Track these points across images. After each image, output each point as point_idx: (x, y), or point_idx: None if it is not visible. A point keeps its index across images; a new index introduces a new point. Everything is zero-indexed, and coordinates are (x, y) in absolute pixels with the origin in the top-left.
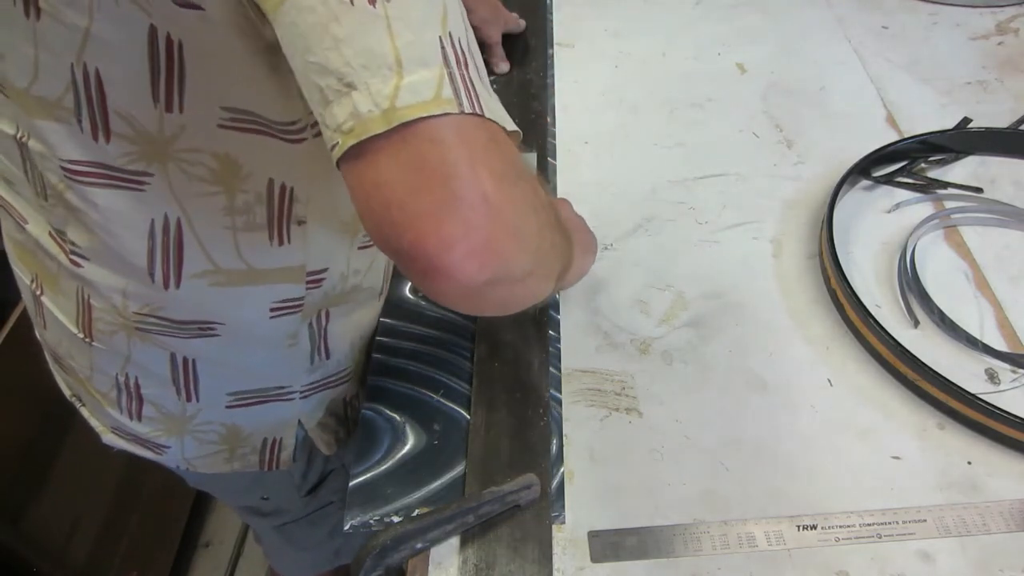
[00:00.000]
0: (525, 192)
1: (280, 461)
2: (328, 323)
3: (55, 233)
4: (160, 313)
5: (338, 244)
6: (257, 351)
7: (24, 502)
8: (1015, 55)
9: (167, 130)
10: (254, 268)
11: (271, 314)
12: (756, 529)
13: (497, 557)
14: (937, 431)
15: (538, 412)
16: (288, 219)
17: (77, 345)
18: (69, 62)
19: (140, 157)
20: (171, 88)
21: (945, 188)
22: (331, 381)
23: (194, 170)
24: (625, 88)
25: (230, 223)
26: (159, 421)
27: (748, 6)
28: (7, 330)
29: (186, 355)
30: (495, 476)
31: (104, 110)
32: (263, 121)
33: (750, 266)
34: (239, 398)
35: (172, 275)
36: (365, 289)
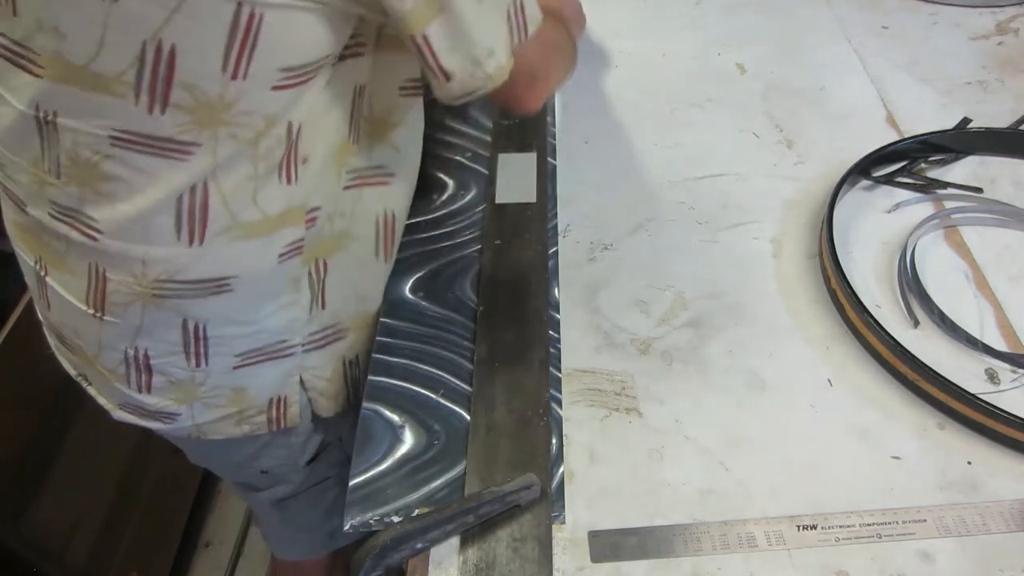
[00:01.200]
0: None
1: (287, 419)
2: (326, 274)
3: (62, 213)
4: (179, 277)
5: (328, 180)
6: (265, 304)
7: (24, 502)
8: (1015, 55)
9: (227, 96)
10: (267, 215)
11: (279, 259)
12: (756, 529)
13: (497, 557)
14: (937, 431)
15: (538, 412)
16: (296, 157)
17: (85, 322)
18: (142, 40)
19: (193, 126)
20: (241, 57)
21: (945, 188)
22: (328, 335)
23: (242, 132)
24: (625, 88)
25: (252, 172)
26: (168, 390)
27: (748, 6)
28: (7, 330)
29: (198, 319)
30: (495, 476)
31: (168, 83)
32: (308, 67)
33: (750, 266)
34: (245, 358)
35: (197, 234)
36: (356, 239)
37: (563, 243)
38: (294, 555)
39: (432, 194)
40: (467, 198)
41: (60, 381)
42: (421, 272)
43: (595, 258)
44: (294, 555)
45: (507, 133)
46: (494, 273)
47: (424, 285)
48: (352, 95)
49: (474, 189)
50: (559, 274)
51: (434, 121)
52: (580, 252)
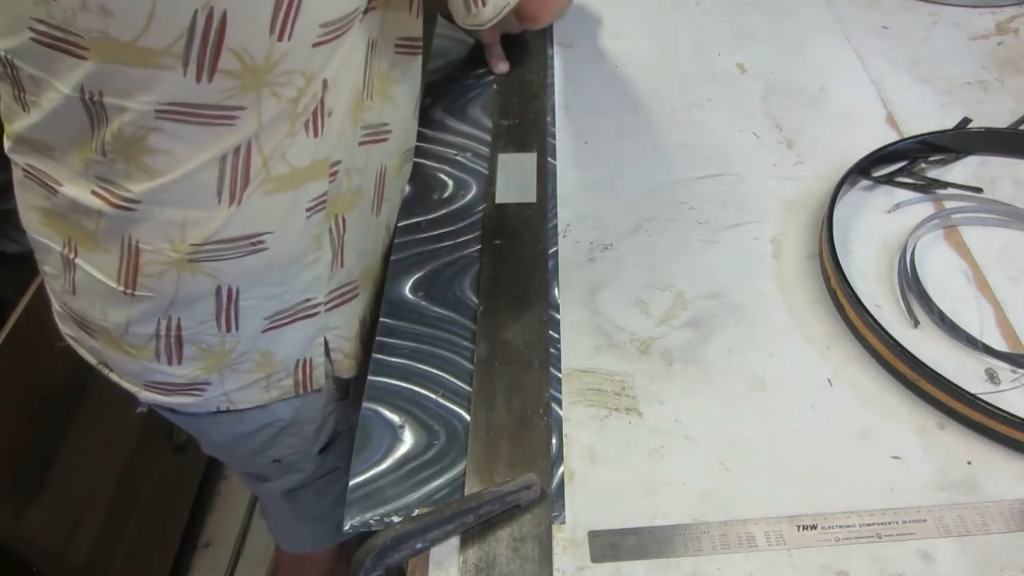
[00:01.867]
0: None
1: (313, 381)
2: (345, 231)
3: (101, 187)
4: (217, 237)
5: (347, 134)
6: (295, 262)
7: (24, 502)
8: (1015, 55)
9: (273, 57)
10: (296, 168)
11: (307, 213)
12: (756, 529)
13: (497, 557)
14: (937, 431)
15: (538, 412)
16: (323, 110)
17: (115, 301)
18: (194, 8)
19: (239, 91)
20: (288, 16)
21: (945, 188)
22: (346, 292)
23: (284, 92)
24: (625, 88)
25: (290, 129)
26: (199, 359)
27: (748, 6)
28: (7, 330)
29: (231, 284)
30: (495, 476)
31: (218, 50)
32: (344, 20)
33: (750, 266)
34: (273, 320)
35: (237, 196)
36: (364, 195)
37: (563, 243)
38: (300, 547)
39: (432, 194)
40: (467, 198)
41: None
42: (421, 272)
43: (595, 258)
44: (300, 547)
45: (507, 133)
46: (494, 273)
47: (424, 285)
48: (367, 49)
49: (474, 189)
50: (559, 274)
51: (434, 121)
52: (580, 252)
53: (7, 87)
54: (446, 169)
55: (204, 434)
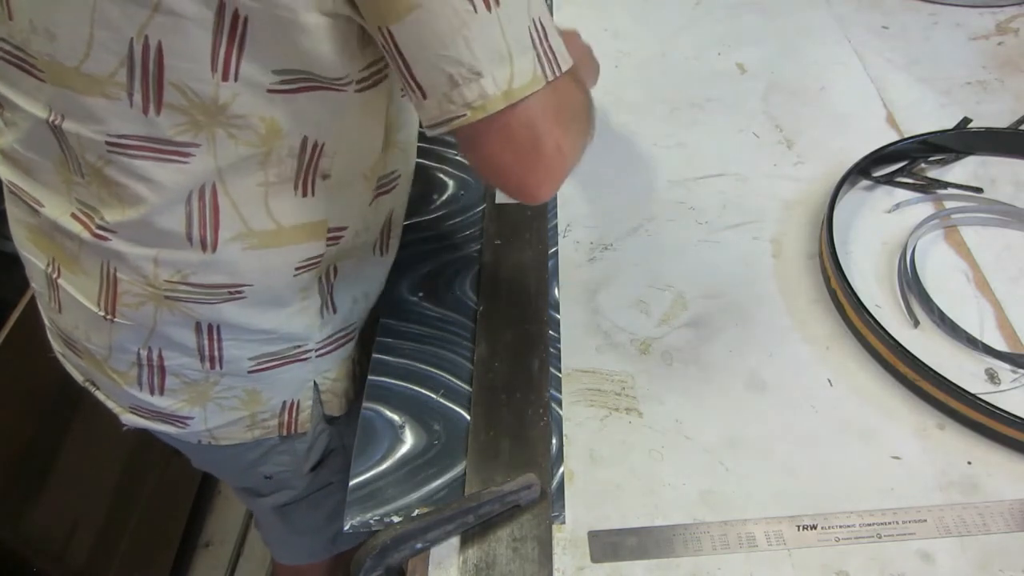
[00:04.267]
0: (579, 123)
1: (299, 424)
2: (336, 278)
3: (81, 211)
4: (192, 279)
5: (357, 199)
6: (278, 311)
7: (24, 502)
8: (1015, 55)
9: (221, 98)
10: (282, 226)
11: (295, 272)
12: (756, 529)
13: (497, 557)
14: (937, 431)
15: (538, 412)
16: (315, 172)
17: (96, 325)
18: (129, 37)
19: (190, 127)
20: (229, 59)
21: (945, 188)
22: (340, 337)
23: (242, 135)
24: (625, 88)
25: (263, 179)
26: (182, 392)
27: (748, 6)
28: (7, 330)
29: (211, 321)
30: (495, 476)
31: (160, 83)
32: (314, 78)
33: (750, 266)
34: (260, 362)
35: (209, 239)
36: (363, 244)
37: (563, 243)
38: (295, 560)
39: (432, 194)
40: (467, 198)
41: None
42: (421, 272)
43: (595, 258)
44: (295, 560)
45: None
46: (494, 273)
47: (424, 285)
48: (384, 114)
49: (474, 189)
50: (559, 274)
51: None
52: (580, 252)
53: None
54: (446, 169)
55: (191, 453)
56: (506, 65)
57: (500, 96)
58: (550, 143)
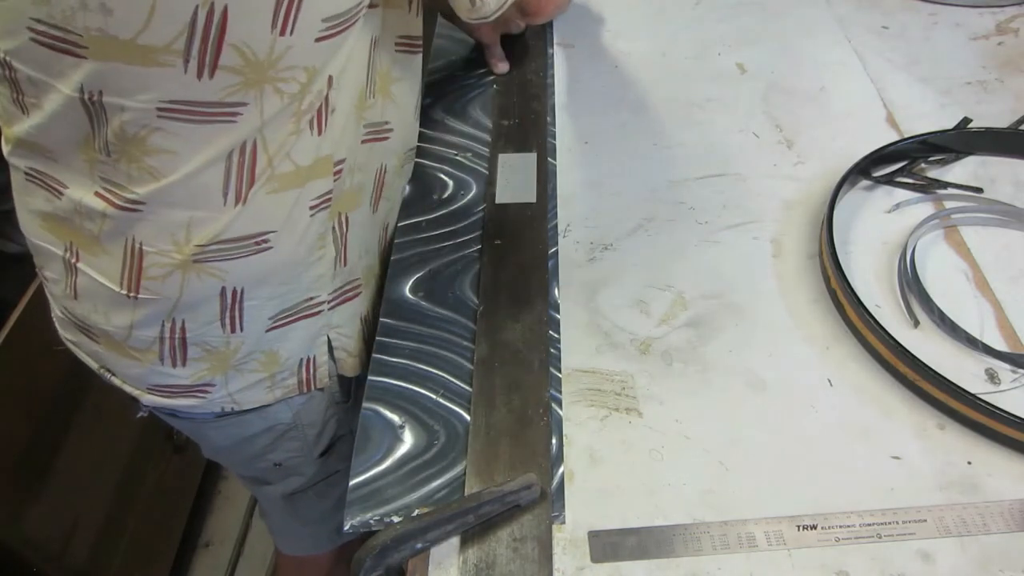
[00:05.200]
0: None
1: (317, 379)
2: (348, 229)
3: (105, 188)
4: (223, 237)
5: (351, 132)
6: (299, 261)
7: (24, 502)
8: (1015, 55)
9: (275, 53)
10: (299, 166)
11: (311, 212)
12: (756, 529)
13: (497, 557)
14: (937, 431)
15: (538, 412)
16: (327, 107)
17: (118, 305)
18: (195, 5)
19: (241, 87)
20: (290, 10)
21: (945, 188)
22: (348, 290)
23: (286, 87)
24: (625, 88)
25: (295, 127)
26: (204, 360)
27: (748, 6)
28: (7, 330)
29: (236, 285)
30: (495, 476)
31: (219, 46)
32: (347, 15)
33: (750, 266)
34: (277, 319)
35: (244, 192)
36: (364, 193)
37: (563, 243)
38: (300, 550)
39: (432, 194)
40: (467, 198)
41: (60, 381)
42: (421, 272)
43: (595, 258)
44: (300, 550)
45: (507, 133)
46: (494, 273)
47: (424, 285)
48: (370, 46)
49: (474, 189)
50: (559, 274)
51: (434, 121)
52: (580, 252)
53: (5, 90)
54: (446, 169)
55: (205, 438)
56: None
57: None
58: None
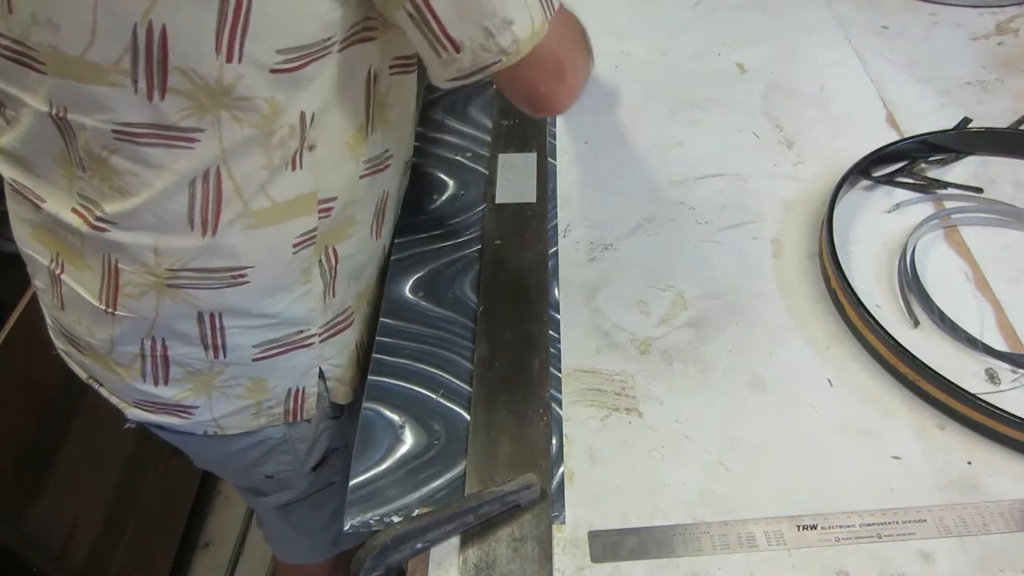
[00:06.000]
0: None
1: (304, 410)
2: (337, 262)
3: (81, 204)
4: (193, 265)
5: (344, 169)
6: (280, 295)
7: (24, 502)
8: (1015, 55)
9: (225, 80)
10: (276, 203)
11: (294, 250)
12: (756, 529)
13: (497, 557)
14: (937, 431)
15: (538, 412)
16: (303, 145)
17: (99, 320)
18: (133, 22)
19: (195, 111)
20: (233, 39)
21: (945, 188)
22: (340, 322)
23: (246, 116)
24: (625, 88)
25: (267, 162)
26: (186, 381)
27: (748, 6)
28: (7, 330)
29: (213, 310)
30: (495, 476)
31: (164, 67)
32: (308, 49)
33: (750, 266)
34: (264, 349)
35: (210, 223)
36: (359, 223)
37: (563, 243)
38: (297, 559)
39: (432, 194)
40: (467, 198)
41: (60, 381)
42: (421, 272)
43: (595, 258)
44: (297, 559)
45: (507, 133)
46: (494, 273)
47: (424, 285)
48: (366, 82)
49: (474, 189)
50: (559, 274)
51: (434, 121)
52: (580, 252)
53: None
54: (446, 169)
55: (193, 451)
56: (525, 10)
57: (528, 38)
58: (570, 65)
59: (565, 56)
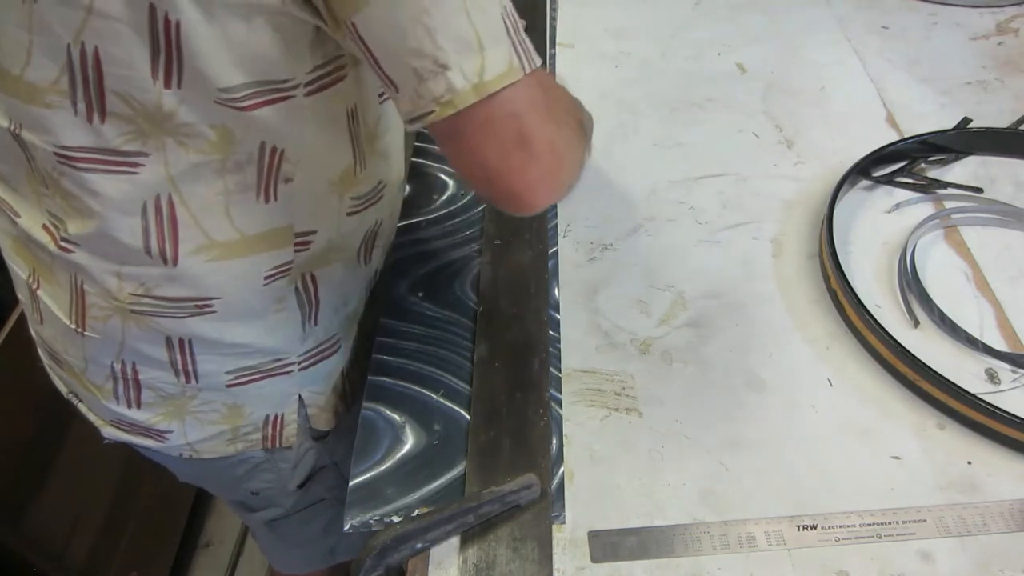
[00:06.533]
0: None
1: (283, 438)
2: (316, 289)
3: (49, 222)
4: (156, 292)
5: (327, 206)
6: (252, 323)
7: (24, 502)
8: (1015, 55)
9: (165, 106)
10: (246, 235)
11: (265, 282)
12: (756, 529)
13: (497, 557)
14: (937, 431)
15: (538, 412)
16: (276, 177)
17: (70, 338)
18: (66, 43)
19: (136, 136)
20: (170, 67)
21: (945, 188)
22: (324, 350)
23: (192, 142)
24: (625, 88)
25: (222, 188)
26: (159, 405)
27: (748, 6)
28: (7, 330)
29: (182, 336)
30: (495, 476)
31: (101, 90)
32: (259, 87)
33: (750, 266)
34: (238, 376)
35: (169, 252)
36: (344, 251)
37: (563, 243)
38: (292, 569)
39: (432, 194)
40: (467, 198)
41: None
42: (421, 272)
43: (595, 258)
44: (292, 569)
45: None
46: (494, 273)
47: (424, 285)
48: (348, 124)
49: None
50: (559, 274)
51: None
52: (580, 252)
53: None
54: (446, 169)
55: (175, 468)
56: (475, 56)
57: (470, 90)
58: (541, 139)
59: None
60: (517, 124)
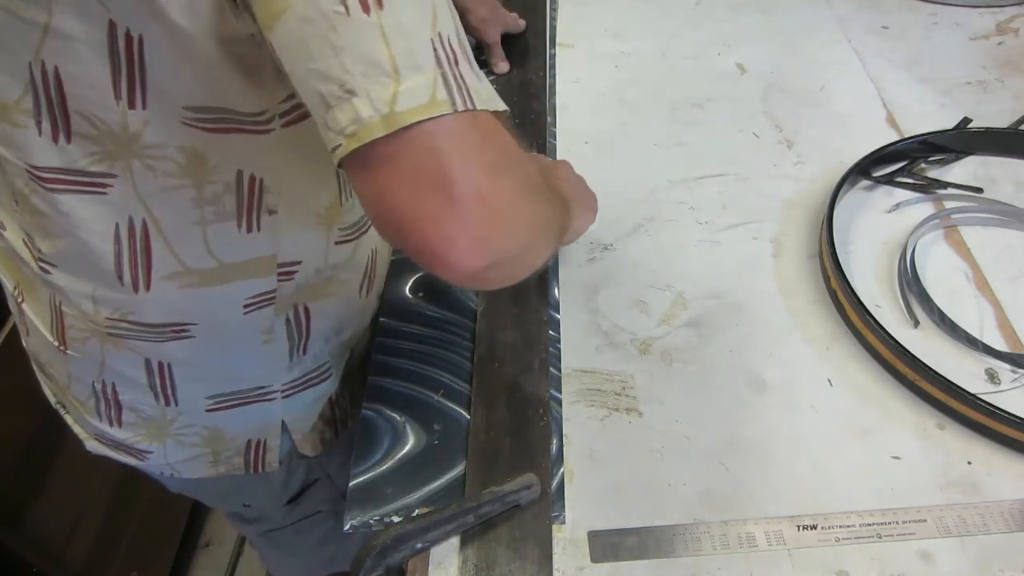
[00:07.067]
0: (518, 179)
1: (265, 463)
2: (309, 321)
3: (27, 239)
4: (131, 317)
5: (313, 236)
6: (233, 350)
7: (24, 502)
8: (1015, 55)
9: (131, 127)
10: (224, 263)
11: (244, 310)
12: (756, 529)
13: (497, 557)
14: (937, 431)
15: (538, 412)
16: (258, 208)
17: (53, 353)
18: (27, 61)
19: (103, 157)
20: (133, 85)
21: (945, 188)
22: (312, 378)
23: (160, 165)
24: (625, 88)
25: (199, 217)
26: (139, 426)
27: (748, 6)
28: (6, 331)
29: (161, 360)
30: (495, 476)
31: (64, 110)
32: (229, 114)
33: (750, 266)
34: (219, 401)
35: (141, 278)
36: (342, 282)
37: None
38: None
39: None
40: None
41: None
42: (421, 272)
43: (595, 258)
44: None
45: None
46: None
47: (424, 285)
48: None
49: None
50: (559, 274)
51: None
52: (580, 252)
53: None
54: None
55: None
56: (387, 82)
57: (378, 121)
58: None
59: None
60: (435, 163)
